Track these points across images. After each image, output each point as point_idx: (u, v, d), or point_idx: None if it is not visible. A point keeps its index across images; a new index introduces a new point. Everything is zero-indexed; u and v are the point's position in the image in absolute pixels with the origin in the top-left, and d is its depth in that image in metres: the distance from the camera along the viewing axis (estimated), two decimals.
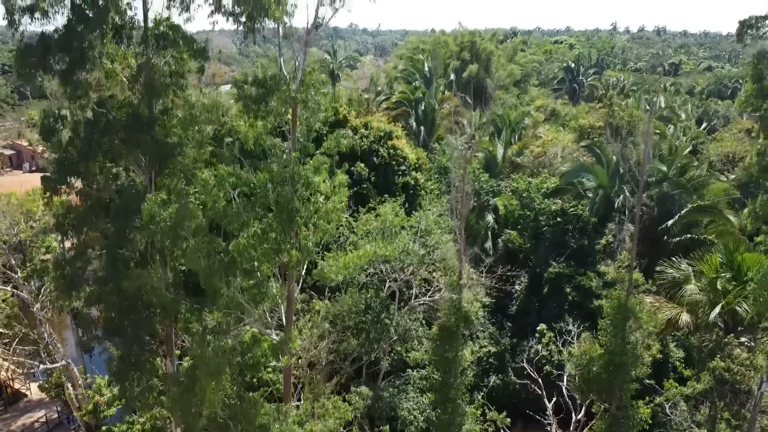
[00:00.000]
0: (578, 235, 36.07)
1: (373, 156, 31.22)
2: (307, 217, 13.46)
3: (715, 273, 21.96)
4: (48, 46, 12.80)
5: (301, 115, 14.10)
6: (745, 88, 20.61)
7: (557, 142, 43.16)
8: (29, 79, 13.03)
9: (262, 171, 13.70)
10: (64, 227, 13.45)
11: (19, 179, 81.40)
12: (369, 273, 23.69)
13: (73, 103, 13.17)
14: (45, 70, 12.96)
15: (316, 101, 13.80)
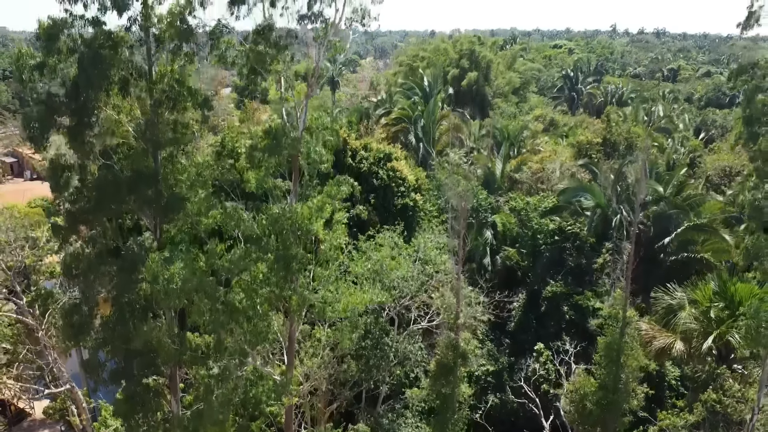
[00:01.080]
0: (576, 254, 36.49)
1: (372, 178, 31.60)
2: (305, 264, 13.86)
3: (708, 302, 22.38)
4: (55, 106, 13.21)
5: (302, 165, 14.52)
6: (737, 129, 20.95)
7: (555, 158, 43.57)
8: (39, 142, 13.43)
9: (263, 216, 14.10)
10: (72, 273, 13.86)
11: (21, 188, 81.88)
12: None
13: (81, 157, 13.57)
14: (53, 128, 13.35)
15: (318, 152, 14.20)
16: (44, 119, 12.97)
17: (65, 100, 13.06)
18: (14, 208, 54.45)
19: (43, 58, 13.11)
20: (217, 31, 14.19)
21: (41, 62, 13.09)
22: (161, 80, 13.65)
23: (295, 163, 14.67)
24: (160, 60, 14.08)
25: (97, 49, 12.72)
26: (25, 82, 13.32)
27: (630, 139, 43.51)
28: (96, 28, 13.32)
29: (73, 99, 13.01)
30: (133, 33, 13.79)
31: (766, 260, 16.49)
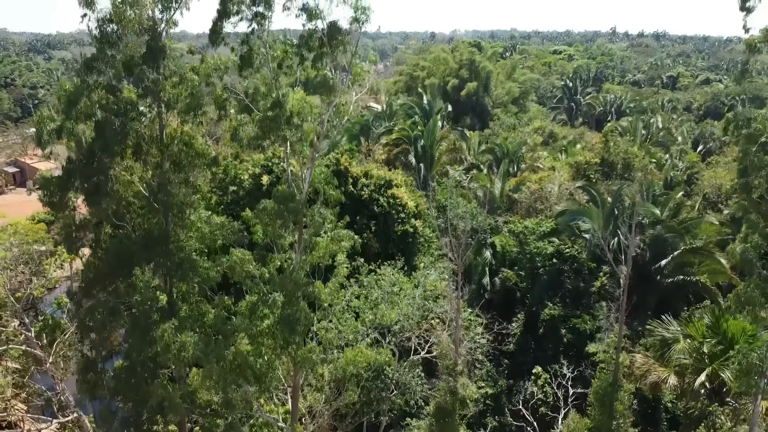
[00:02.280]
0: (573, 276, 37.02)
1: (373, 205, 32.16)
2: (309, 325, 14.42)
3: (701, 337, 22.91)
4: (72, 171, 13.78)
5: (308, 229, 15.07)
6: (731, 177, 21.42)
7: (554, 177, 44.13)
8: (59, 208, 13.99)
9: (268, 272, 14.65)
10: (88, 330, 14.40)
11: (23, 198, 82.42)
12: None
13: (95, 218, 14.13)
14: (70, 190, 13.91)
15: (321, 214, 14.73)
16: (63, 184, 13.52)
17: (82, 163, 13.61)
18: (18, 224, 55.14)
19: (62, 122, 13.68)
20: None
21: (60, 126, 13.65)
22: (171, 143, 14.20)
23: (300, 227, 15.20)
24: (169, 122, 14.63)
25: (114, 117, 13.28)
26: (45, 142, 13.88)
27: (628, 160, 44.06)
28: (112, 94, 13.87)
29: (90, 163, 13.57)
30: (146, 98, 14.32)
31: (758, 308, 17.01)
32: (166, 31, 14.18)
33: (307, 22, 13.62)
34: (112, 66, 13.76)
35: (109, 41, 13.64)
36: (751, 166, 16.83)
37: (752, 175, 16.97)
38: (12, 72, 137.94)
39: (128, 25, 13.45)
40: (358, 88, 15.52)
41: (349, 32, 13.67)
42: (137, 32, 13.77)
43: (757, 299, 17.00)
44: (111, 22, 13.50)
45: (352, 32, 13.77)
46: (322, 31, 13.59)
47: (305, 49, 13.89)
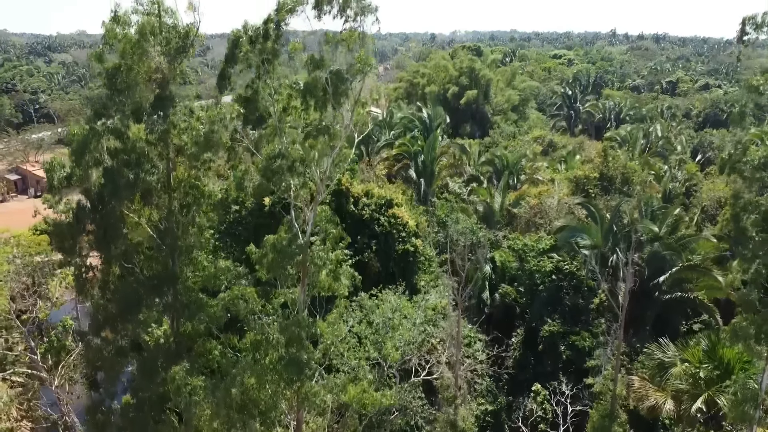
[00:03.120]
0: (572, 293, 37.33)
1: (374, 224, 32.50)
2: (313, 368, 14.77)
3: (698, 363, 23.25)
4: (83, 216, 14.11)
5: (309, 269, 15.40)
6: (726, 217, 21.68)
7: (553, 191, 44.46)
8: (69, 253, 14.33)
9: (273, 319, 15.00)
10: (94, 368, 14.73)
11: (26, 206, 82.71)
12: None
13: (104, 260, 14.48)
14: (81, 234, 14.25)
15: (322, 257, 15.06)
16: (73, 229, 13.85)
17: (92, 209, 13.94)
18: (21, 236, 55.43)
19: (72, 170, 14.00)
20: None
21: (70, 173, 13.98)
22: (179, 187, 14.53)
23: (304, 269, 15.54)
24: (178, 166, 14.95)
25: (123, 167, 13.61)
26: (56, 189, 14.21)
27: (626, 174, 44.40)
28: (121, 141, 14.21)
29: (99, 209, 13.90)
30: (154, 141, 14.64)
31: (753, 342, 17.34)
32: (174, 80, 14.51)
33: (312, 71, 13.95)
34: (120, 111, 14.08)
35: (117, 89, 13.96)
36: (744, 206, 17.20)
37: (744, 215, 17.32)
38: (13, 77, 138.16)
39: (136, 77, 13.79)
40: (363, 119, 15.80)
41: (351, 81, 13.99)
42: (145, 81, 14.10)
43: (752, 335, 17.34)
44: (120, 72, 13.81)
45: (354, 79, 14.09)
46: (326, 79, 13.92)
47: (309, 95, 14.21)
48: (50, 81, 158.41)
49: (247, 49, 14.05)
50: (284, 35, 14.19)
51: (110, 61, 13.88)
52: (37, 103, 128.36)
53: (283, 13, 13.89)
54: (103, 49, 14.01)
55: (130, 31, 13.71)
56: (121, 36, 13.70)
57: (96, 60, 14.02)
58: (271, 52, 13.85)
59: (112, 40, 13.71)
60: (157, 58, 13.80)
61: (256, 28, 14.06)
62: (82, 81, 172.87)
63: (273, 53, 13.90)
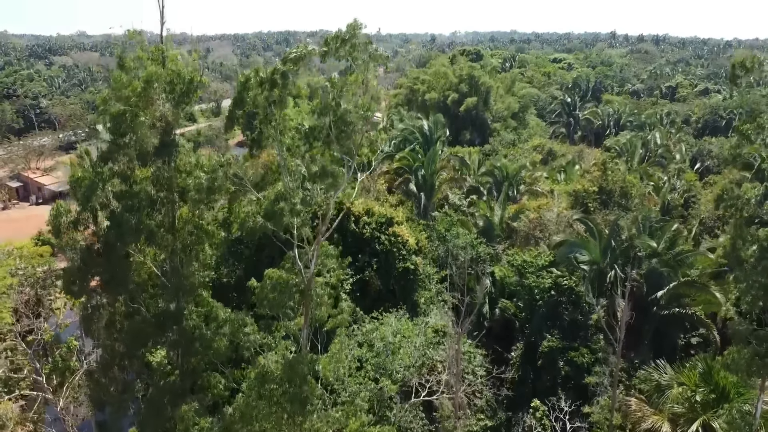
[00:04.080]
0: (571, 308, 37.62)
1: (375, 242, 32.82)
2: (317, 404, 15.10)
3: (694, 386, 23.57)
4: (90, 261, 14.46)
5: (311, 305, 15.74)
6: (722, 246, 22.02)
7: (552, 204, 44.79)
8: (78, 296, 14.67)
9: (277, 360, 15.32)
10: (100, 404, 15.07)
11: (27, 213, 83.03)
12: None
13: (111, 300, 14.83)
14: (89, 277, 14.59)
15: (319, 294, 15.38)
16: (81, 273, 14.19)
17: (98, 253, 14.28)
18: (23, 248, 55.77)
19: (78, 216, 14.34)
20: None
21: (76, 219, 14.31)
22: (183, 228, 14.87)
23: (306, 306, 15.87)
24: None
25: (128, 213, 13.95)
26: (63, 235, 14.54)
27: (625, 188, 44.75)
28: (126, 184, 14.53)
29: (106, 252, 14.24)
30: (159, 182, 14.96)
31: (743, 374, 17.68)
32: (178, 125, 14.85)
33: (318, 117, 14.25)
34: (126, 155, 14.42)
35: (122, 134, 14.28)
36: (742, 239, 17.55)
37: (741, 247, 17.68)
38: (14, 82, 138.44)
39: (141, 124, 14.11)
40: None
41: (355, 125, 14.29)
42: (150, 126, 14.41)
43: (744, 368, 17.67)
44: (125, 118, 14.13)
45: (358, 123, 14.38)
46: (330, 123, 14.23)
47: (313, 138, 14.51)
48: (51, 85, 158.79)
49: (256, 93, 14.34)
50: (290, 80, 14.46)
51: (115, 107, 14.20)
52: (38, 107, 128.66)
53: (289, 65, 14.20)
54: (109, 96, 14.32)
55: (137, 79, 14.01)
56: (127, 83, 14.02)
57: (102, 106, 14.33)
58: (278, 99, 14.15)
59: (119, 88, 14.03)
60: (162, 107, 14.13)
61: (264, 77, 14.36)
62: (82, 84, 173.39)
63: (280, 100, 14.21)
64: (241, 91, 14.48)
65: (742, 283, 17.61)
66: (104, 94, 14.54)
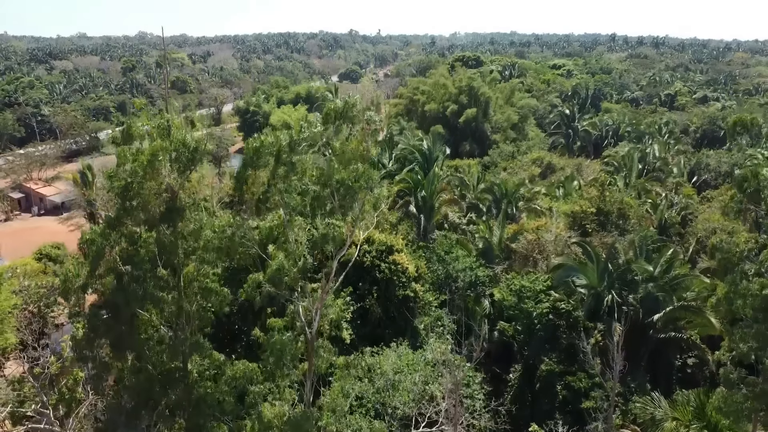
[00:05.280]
0: (569, 332, 38.12)
1: (375, 270, 33.32)
2: None
3: (688, 422, 24.07)
4: (97, 326, 14.97)
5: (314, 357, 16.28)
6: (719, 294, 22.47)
7: (550, 225, 45.28)
8: (87, 361, 15.16)
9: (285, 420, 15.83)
10: None
11: (30, 225, 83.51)
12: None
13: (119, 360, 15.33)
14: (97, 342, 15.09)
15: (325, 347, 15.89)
16: (89, 339, 14.69)
17: (106, 317, 14.78)
18: (27, 265, 56.32)
19: (86, 280, 14.83)
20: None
21: (85, 283, 14.81)
22: (189, 286, 15.37)
23: (310, 361, 16.41)
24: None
25: (134, 283, 14.45)
26: (72, 300, 15.04)
27: (622, 210, 45.25)
28: (133, 246, 15.03)
29: (113, 316, 14.74)
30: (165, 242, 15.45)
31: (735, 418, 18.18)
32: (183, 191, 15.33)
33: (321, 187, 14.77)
34: (133, 219, 14.89)
35: (130, 200, 14.76)
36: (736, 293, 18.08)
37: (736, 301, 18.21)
38: (15, 90, 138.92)
39: (148, 192, 14.60)
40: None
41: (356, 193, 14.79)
42: (156, 194, 14.89)
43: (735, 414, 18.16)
44: (132, 188, 14.62)
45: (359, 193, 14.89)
46: (332, 192, 14.75)
47: (317, 206, 14.98)
48: (51, 91, 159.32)
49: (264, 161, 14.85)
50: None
51: (122, 179, 14.67)
52: (39, 115, 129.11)
53: (294, 145, 14.72)
54: (116, 170, 14.81)
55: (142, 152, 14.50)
56: (132, 156, 14.51)
57: (109, 179, 14.82)
58: (283, 174, 14.64)
59: (125, 161, 14.51)
60: (168, 178, 14.62)
61: (271, 151, 14.88)
62: (83, 90, 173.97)
63: (285, 174, 14.69)
64: (252, 157, 14.98)
65: (735, 335, 18.12)
66: (111, 171, 15.03)
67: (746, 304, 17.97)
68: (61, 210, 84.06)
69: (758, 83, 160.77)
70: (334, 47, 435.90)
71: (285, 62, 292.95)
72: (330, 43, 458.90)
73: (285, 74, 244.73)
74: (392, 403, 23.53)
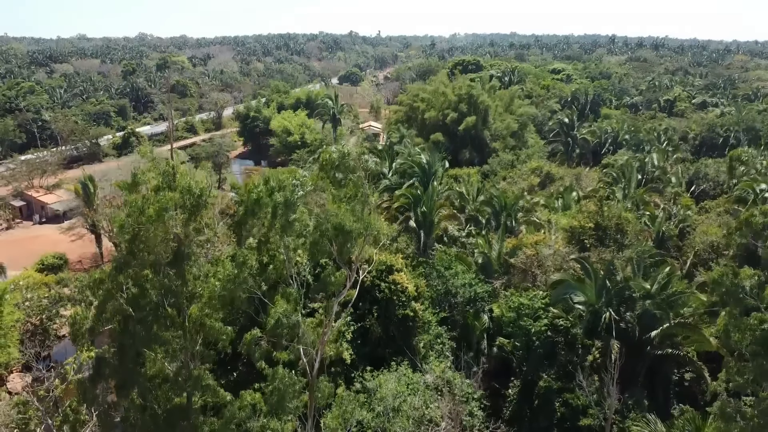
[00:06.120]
0: (567, 349, 38.52)
1: (375, 290, 33.71)
2: None
3: None
4: (103, 368, 15.37)
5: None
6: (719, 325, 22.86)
7: (549, 240, 45.66)
8: (92, 402, 15.53)
9: None
10: None
11: (31, 233, 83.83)
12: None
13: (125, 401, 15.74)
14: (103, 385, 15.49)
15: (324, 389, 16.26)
16: (94, 379, 15.08)
17: (111, 359, 15.16)
18: (30, 277, 56.74)
19: (94, 323, 15.22)
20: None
21: (92, 326, 15.20)
22: (193, 328, 15.75)
23: (311, 401, 16.79)
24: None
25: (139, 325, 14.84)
26: (80, 345, 15.42)
27: (620, 225, 45.62)
28: (139, 289, 15.42)
29: (120, 360, 15.12)
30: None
31: None
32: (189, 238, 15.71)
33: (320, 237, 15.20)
34: (140, 264, 15.28)
35: (137, 246, 15.14)
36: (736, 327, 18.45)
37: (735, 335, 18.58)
38: (17, 96, 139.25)
39: (154, 241, 14.98)
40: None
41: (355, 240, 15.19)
42: (163, 241, 15.28)
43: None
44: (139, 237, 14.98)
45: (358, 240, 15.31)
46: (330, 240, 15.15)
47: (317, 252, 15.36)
48: (52, 96, 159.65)
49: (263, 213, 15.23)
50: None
51: (130, 230, 15.04)
52: (40, 120, 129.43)
53: (290, 205, 15.10)
54: (124, 221, 15.16)
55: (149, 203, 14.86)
56: (140, 211, 14.85)
57: (119, 229, 15.19)
58: (282, 224, 15.03)
59: (133, 212, 14.88)
60: (174, 228, 15.00)
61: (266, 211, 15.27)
62: (84, 95, 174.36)
63: (284, 223, 15.08)
64: (253, 206, 15.36)
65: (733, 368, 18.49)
66: (121, 221, 15.37)
67: (745, 338, 18.34)
68: (62, 218, 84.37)
69: (757, 87, 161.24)
70: (334, 49, 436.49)
71: (285, 65, 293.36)
72: (330, 44, 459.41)
73: (285, 77, 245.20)
74: (392, 429, 23.87)
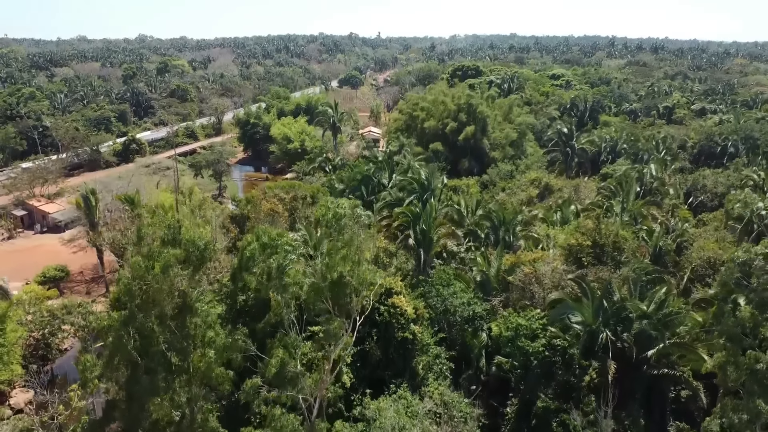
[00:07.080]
0: (564, 369, 38.92)
1: (374, 313, 34.15)
2: None
3: None
4: (111, 412, 15.83)
5: None
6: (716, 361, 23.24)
7: (547, 257, 46.07)
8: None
9: None
10: None
11: (32, 243, 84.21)
12: None
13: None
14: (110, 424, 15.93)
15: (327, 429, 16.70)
16: (102, 422, 15.52)
17: (120, 402, 15.61)
18: (32, 291, 57.17)
19: (103, 370, 15.68)
20: None
21: (101, 372, 15.64)
22: (196, 374, 16.20)
23: None
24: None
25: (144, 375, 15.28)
26: (89, 387, 15.86)
27: (618, 243, 46.03)
28: (145, 340, 15.86)
29: (126, 401, 15.58)
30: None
31: None
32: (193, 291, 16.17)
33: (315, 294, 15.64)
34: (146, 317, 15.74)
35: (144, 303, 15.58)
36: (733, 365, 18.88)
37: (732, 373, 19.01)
38: (18, 102, 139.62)
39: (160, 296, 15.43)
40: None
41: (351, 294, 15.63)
42: (168, 295, 15.72)
43: None
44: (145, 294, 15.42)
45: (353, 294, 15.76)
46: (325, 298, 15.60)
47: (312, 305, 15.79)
48: (52, 101, 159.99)
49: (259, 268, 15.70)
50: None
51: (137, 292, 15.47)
52: (41, 126, 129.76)
53: (282, 269, 15.58)
54: (131, 284, 15.60)
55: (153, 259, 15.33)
56: (146, 271, 15.30)
57: (126, 293, 15.66)
58: (276, 286, 15.50)
59: (139, 273, 15.32)
60: (179, 284, 15.45)
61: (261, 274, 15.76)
62: (84, 99, 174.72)
63: (278, 285, 15.54)
64: (247, 260, 15.83)
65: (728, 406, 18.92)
66: (128, 284, 15.77)
67: (741, 376, 18.77)
68: (63, 228, 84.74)
69: (756, 93, 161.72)
70: (334, 51, 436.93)
71: (285, 68, 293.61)
72: (330, 47, 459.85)
73: (285, 80, 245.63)
74: None
